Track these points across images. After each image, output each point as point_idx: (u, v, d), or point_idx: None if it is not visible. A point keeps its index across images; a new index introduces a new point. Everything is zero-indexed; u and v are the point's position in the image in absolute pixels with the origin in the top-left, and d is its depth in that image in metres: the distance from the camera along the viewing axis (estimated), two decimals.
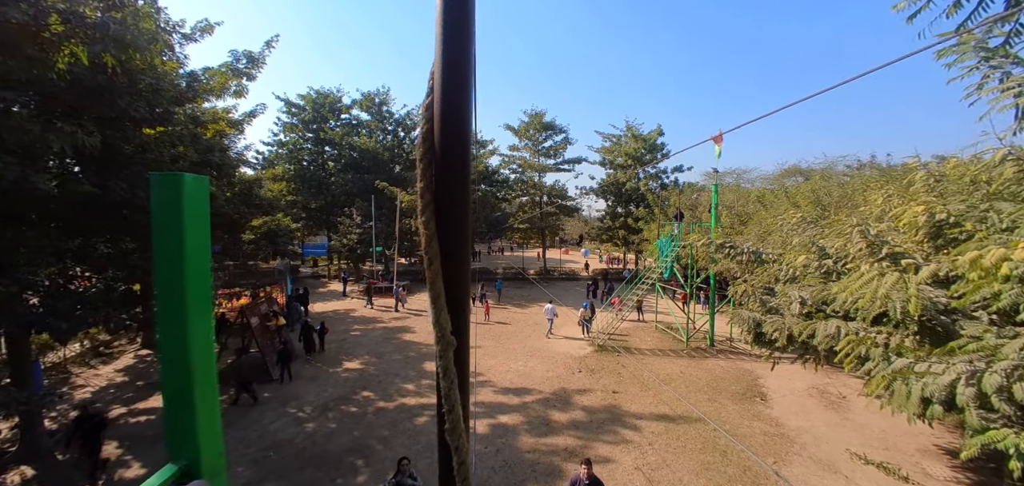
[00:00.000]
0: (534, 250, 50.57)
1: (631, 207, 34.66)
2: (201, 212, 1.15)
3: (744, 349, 17.04)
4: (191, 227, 1.09)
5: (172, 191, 1.04)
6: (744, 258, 8.49)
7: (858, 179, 17.02)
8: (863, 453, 9.38)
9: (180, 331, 1.08)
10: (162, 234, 1.06)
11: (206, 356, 1.16)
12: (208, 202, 1.27)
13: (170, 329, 1.08)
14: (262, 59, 13.55)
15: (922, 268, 4.78)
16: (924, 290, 4.63)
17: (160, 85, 7.43)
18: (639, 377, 14.03)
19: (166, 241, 1.05)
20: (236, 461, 9.21)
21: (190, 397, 1.09)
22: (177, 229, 1.05)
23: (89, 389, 12.99)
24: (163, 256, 1.06)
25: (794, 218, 9.81)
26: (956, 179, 6.44)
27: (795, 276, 7.02)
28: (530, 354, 16.35)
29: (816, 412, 11.81)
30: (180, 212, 1.04)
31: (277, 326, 14.52)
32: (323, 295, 28.24)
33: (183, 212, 1.04)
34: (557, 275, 38.05)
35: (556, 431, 10.52)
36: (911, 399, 4.18)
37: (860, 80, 8.46)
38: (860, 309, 5.14)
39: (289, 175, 34.59)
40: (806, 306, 6.13)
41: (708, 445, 9.93)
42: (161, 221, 1.05)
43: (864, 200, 12.88)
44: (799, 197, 17.49)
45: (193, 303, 1.10)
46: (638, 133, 35.40)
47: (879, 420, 11.19)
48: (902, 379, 4.26)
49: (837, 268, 6.54)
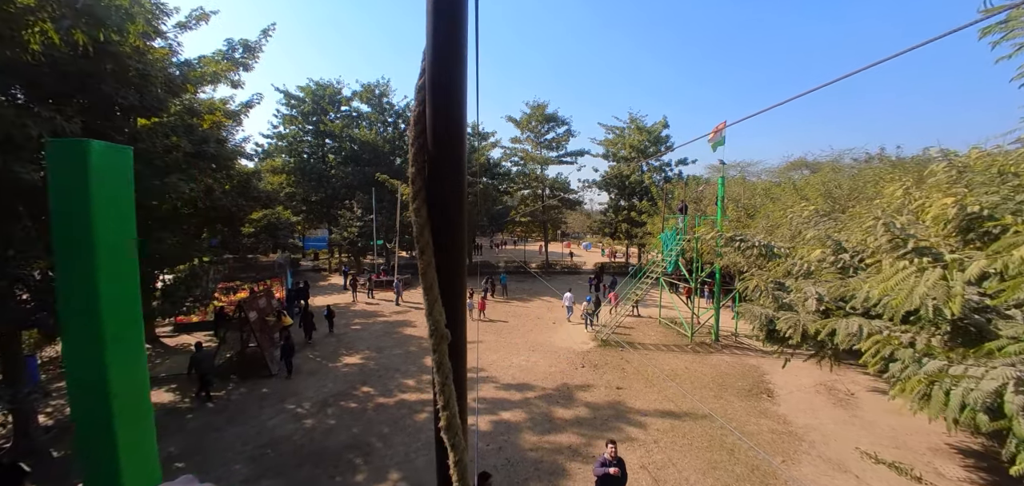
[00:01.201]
0: (536, 244, 50.39)
1: (634, 200, 34.33)
2: (120, 192, 0.88)
3: (750, 344, 16.81)
4: (104, 210, 0.82)
5: (74, 162, 0.78)
6: (754, 252, 8.22)
7: (869, 171, 16.66)
8: (874, 452, 9.16)
9: (93, 346, 0.81)
10: (63, 219, 0.79)
11: (134, 375, 0.90)
12: (131, 178, 0.99)
13: (79, 342, 0.82)
14: (258, 48, 13.27)
15: (969, 265, 4.46)
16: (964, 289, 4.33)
17: (148, 71, 7.15)
18: (643, 373, 13.82)
19: (68, 228, 0.79)
20: (233, 458, 9.05)
21: (110, 430, 0.84)
22: (83, 213, 0.79)
23: None
24: (66, 247, 0.79)
25: (806, 211, 9.51)
26: (982, 170, 6.14)
27: (810, 271, 6.75)
28: (532, 349, 16.15)
29: (824, 409, 11.58)
30: (86, 190, 0.77)
31: (284, 326, 14.24)
32: (324, 289, 28.07)
33: (90, 191, 0.78)
34: (559, 269, 37.83)
35: (559, 428, 10.32)
36: (950, 406, 3.90)
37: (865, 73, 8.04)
38: (887, 307, 4.86)
39: (289, 167, 34.33)
40: (823, 303, 5.87)
41: (715, 443, 9.72)
42: (62, 203, 0.79)
43: (877, 192, 12.55)
44: (808, 190, 17.14)
45: (111, 309, 0.84)
46: (642, 125, 35.01)
47: (889, 418, 10.95)
48: (939, 384, 3.99)
49: (854, 263, 6.27)
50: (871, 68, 2.41)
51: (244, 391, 12.29)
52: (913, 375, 4.32)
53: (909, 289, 4.56)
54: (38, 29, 4.91)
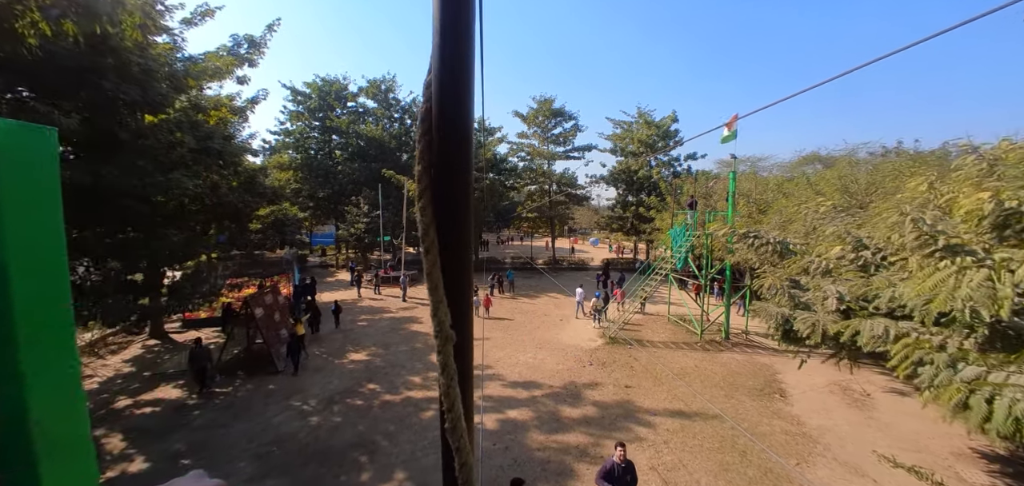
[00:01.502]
0: (542, 239, 50.15)
1: (643, 196, 33.95)
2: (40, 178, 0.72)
3: (761, 343, 16.49)
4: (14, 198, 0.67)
5: None
6: (769, 249, 7.94)
7: (887, 165, 16.18)
8: (891, 455, 8.85)
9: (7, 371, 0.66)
10: None
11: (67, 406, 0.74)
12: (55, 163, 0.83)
13: None
14: (263, 43, 13.19)
15: (1017, 266, 4.15)
16: None
17: (150, 66, 7.05)
18: (652, 371, 13.60)
19: None
20: (238, 456, 9.01)
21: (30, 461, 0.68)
22: None
23: (97, 379, 12.93)
24: None
25: (823, 206, 9.19)
26: (1015, 163, 5.80)
27: (828, 269, 6.48)
28: (539, 346, 15.99)
29: (838, 410, 11.29)
30: None
31: (298, 334, 14.10)
32: (331, 285, 28.13)
33: None
34: (566, 265, 37.59)
35: (567, 428, 10.16)
36: (996, 418, 3.63)
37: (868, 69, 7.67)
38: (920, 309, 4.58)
39: (296, 164, 34.42)
40: (844, 302, 5.61)
41: (726, 444, 9.50)
42: None
43: (897, 187, 12.15)
44: (823, 185, 16.71)
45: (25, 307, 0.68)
46: (651, 119, 34.54)
47: (907, 420, 10.65)
48: (979, 392, 3.73)
49: (876, 261, 5.98)
50: (879, 61, 2.21)
51: (251, 387, 12.28)
52: (948, 382, 4.06)
53: (950, 290, 4.27)
54: (29, 20, 4.82)
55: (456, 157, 0.77)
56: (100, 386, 12.45)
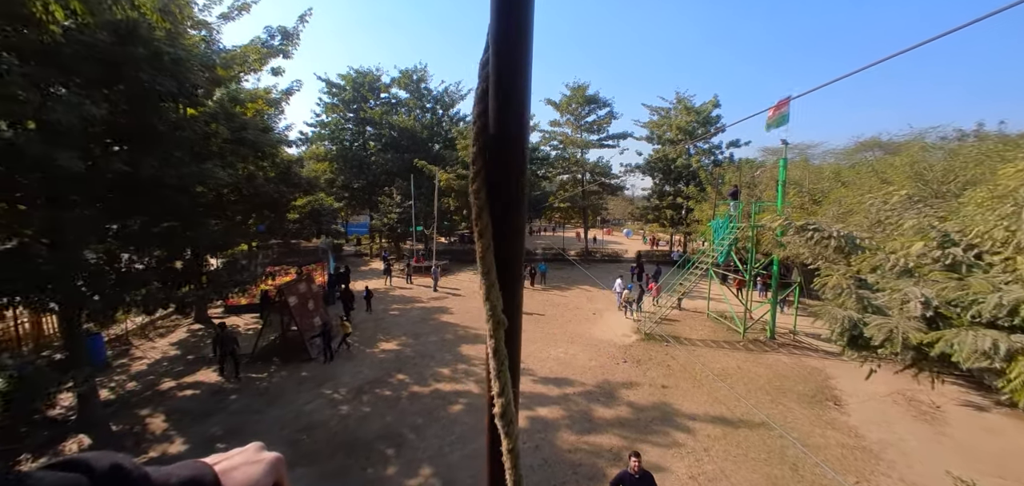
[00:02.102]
0: (574, 230, 49.21)
1: (680, 186, 32.47)
2: None
3: (810, 344, 15.29)
4: None
5: None
6: (831, 244, 7.08)
7: (969, 149, 14.39)
8: (971, 479, 7.83)
9: None
10: None
11: None
12: None
13: None
14: (296, 34, 13.24)
15: None
16: None
17: (179, 55, 7.08)
18: (690, 371, 12.85)
19: None
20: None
21: None
22: None
23: (145, 361, 13.63)
24: None
25: (895, 196, 8.15)
26: None
27: (908, 268, 5.63)
28: (571, 340, 15.52)
29: (903, 423, 10.21)
30: None
31: (346, 332, 14.36)
32: (364, 274, 28.69)
33: None
34: (599, 257, 36.67)
35: (600, 429, 9.69)
36: None
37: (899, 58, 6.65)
38: None
39: (331, 155, 35.21)
40: (931, 307, 4.82)
41: (774, 455, 8.75)
42: None
43: (982, 174, 10.70)
44: (892, 172, 15.12)
45: None
46: (690, 105, 32.89)
47: (988, 438, 9.48)
48: None
49: (967, 259, 5.11)
50: None
51: (285, 374, 12.55)
52: None
53: None
54: (41, 3, 4.84)
55: (512, 138, 0.74)
56: (148, 368, 13.12)
